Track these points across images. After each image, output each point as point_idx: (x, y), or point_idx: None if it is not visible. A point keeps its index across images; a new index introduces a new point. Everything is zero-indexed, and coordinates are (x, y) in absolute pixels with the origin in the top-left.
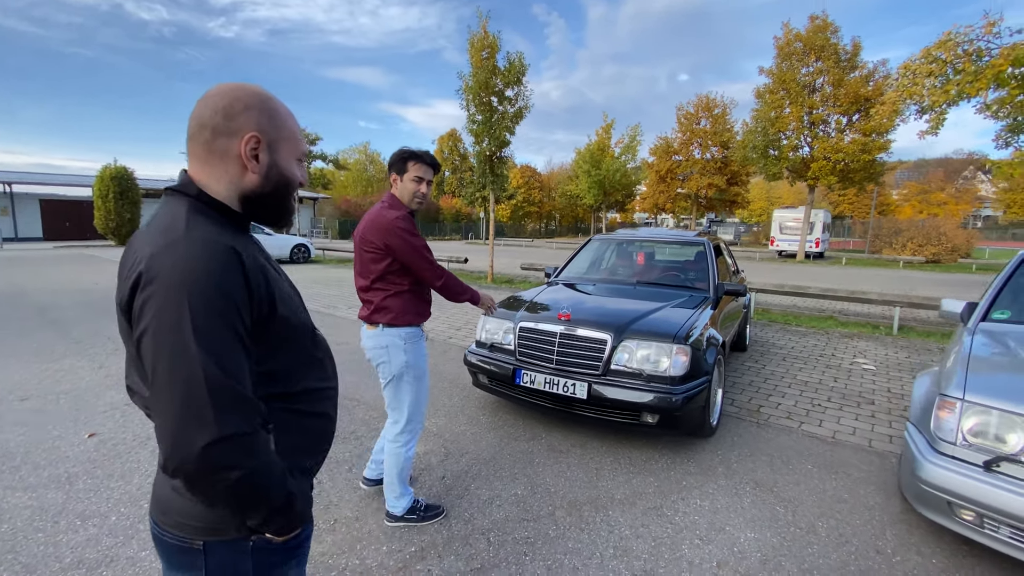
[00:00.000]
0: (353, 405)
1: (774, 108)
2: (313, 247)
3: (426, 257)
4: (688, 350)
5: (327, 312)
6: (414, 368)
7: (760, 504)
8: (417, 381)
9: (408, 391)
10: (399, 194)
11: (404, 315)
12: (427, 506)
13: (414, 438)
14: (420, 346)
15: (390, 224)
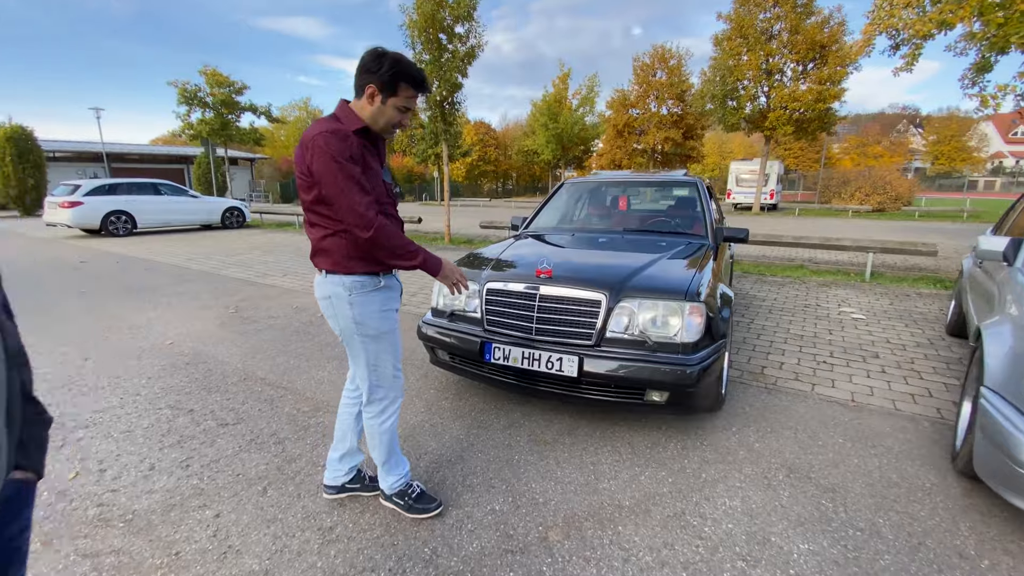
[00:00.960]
0: (279, 396)
1: (732, 56)
2: (249, 211)
3: (353, 193)
4: (702, 309)
5: (258, 280)
6: (363, 326)
7: (802, 498)
8: (373, 341)
9: (361, 352)
10: (365, 114)
11: (347, 261)
12: (419, 494)
13: (389, 408)
14: (375, 300)
15: (315, 138)
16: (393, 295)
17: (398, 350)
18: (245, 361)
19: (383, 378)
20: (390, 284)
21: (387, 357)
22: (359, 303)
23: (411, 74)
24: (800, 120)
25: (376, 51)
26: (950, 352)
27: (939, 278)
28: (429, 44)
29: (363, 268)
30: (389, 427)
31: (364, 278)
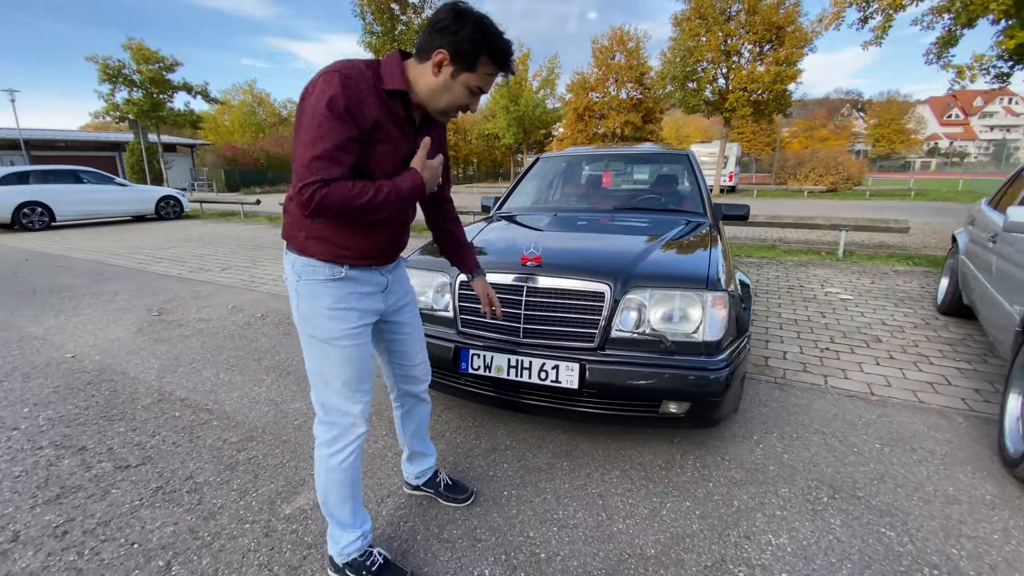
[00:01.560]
0: (201, 422)
1: (692, 36)
2: (187, 200)
3: (308, 151)
4: (726, 299)
5: (191, 276)
6: (307, 323)
7: (857, 527)
8: (318, 344)
9: (307, 357)
10: (422, 83)
11: (300, 235)
12: (382, 566)
13: (342, 439)
14: (326, 294)
15: (314, 77)
16: (360, 293)
17: (358, 368)
18: (163, 377)
19: (329, 399)
20: (358, 278)
21: (335, 372)
22: (305, 293)
23: (499, 47)
24: (758, 102)
25: (456, 6)
26: (950, 333)
27: (909, 255)
28: (380, 15)
29: (319, 249)
30: (340, 466)
31: (317, 263)
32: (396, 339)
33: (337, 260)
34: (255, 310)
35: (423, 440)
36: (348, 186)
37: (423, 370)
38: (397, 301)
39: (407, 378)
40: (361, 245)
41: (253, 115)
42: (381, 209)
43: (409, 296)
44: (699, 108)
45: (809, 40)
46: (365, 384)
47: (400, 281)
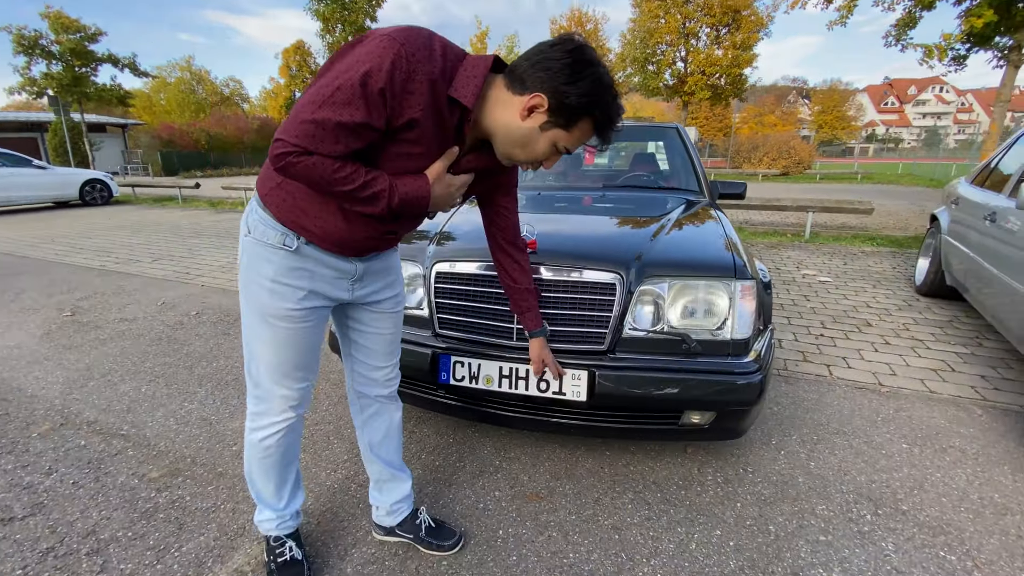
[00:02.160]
0: (113, 452)
1: (652, 18)
2: (116, 184)
3: (322, 102)
4: (754, 288)
5: (116, 269)
6: (246, 289)
7: (913, 551)
8: (253, 315)
9: (243, 320)
10: (501, 119)
11: (267, 180)
12: (288, 562)
13: (265, 417)
14: (270, 261)
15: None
16: (313, 272)
17: (294, 355)
18: (68, 394)
19: (259, 375)
20: (316, 257)
21: (265, 352)
22: (249, 252)
23: (609, 115)
24: (715, 86)
25: (580, 51)
26: (935, 314)
27: (871, 235)
28: None
29: (279, 206)
30: (260, 443)
31: (271, 222)
32: (362, 332)
33: (293, 228)
34: (190, 307)
35: (394, 459)
36: (333, 166)
37: (386, 375)
38: (373, 294)
39: (365, 379)
40: (330, 229)
41: (192, 93)
42: (365, 205)
43: (392, 291)
44: (659, 91)
45: (765, 24)
46: (301, 372)
47: (384, 272)
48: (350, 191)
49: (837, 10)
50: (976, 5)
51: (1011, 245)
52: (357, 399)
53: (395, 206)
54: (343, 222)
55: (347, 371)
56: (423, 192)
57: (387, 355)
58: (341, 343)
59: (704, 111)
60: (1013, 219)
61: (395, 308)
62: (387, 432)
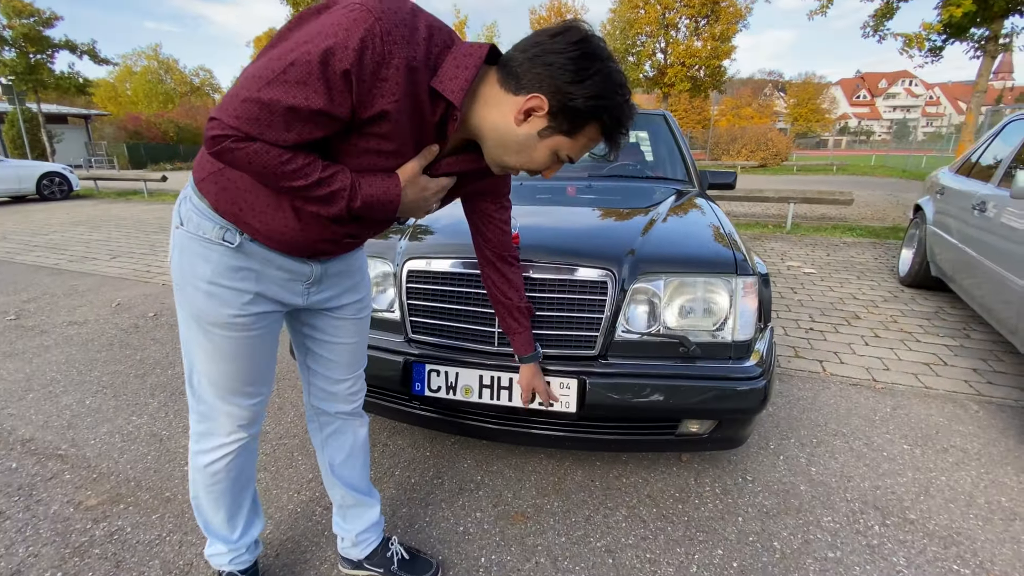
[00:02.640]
0: (48, 476)
1: (631, 8)
2: (76, 178)
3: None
4: (756, 285)
5: (69, 267)
6: (180, 290)
7: (925, 565)
8: (189, 321)
9: (180, 325)
10: (491, 120)
11: (203, 165)
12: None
13: (211, 438)
14: (207, 258)
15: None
16: (259, 273)
17: (241, 368)
18: (2, 409)
19: (200, 393)
20: (261, 256)
21: (206, 364)
22: (181, 248)
23: (619, 117)
24: (695, 77)
25: (583, 43)
26: (920, 306)
27: (851, 226)
28: None
29: (217, 195)
30: (207, 469)
31: (207, 213)
32: (320, 342)
33: (234, 222)
34: (147, 308)
35: (357, 481)
36: (280, 157)
37: (347, 389)
38: (332, 299)
39: (324, 393)
40: (277, 228)
41: (160, 83)
42: (319, 205)
43: (355, 295)
44: (640, 83)
45: (743, 16)
46: (251, 387)
47: (346, 274)
48: (301, 187)
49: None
50: None
51: (1002, 234)
52: (316, 416)
53: (356, 208)
54: (294, 220)
55: (304, 384)
56: (392, 196)
57: (349, 367)
58: (296, 352)
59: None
60: (1003, 208)
61: (359, 314)
62: (351, 451)
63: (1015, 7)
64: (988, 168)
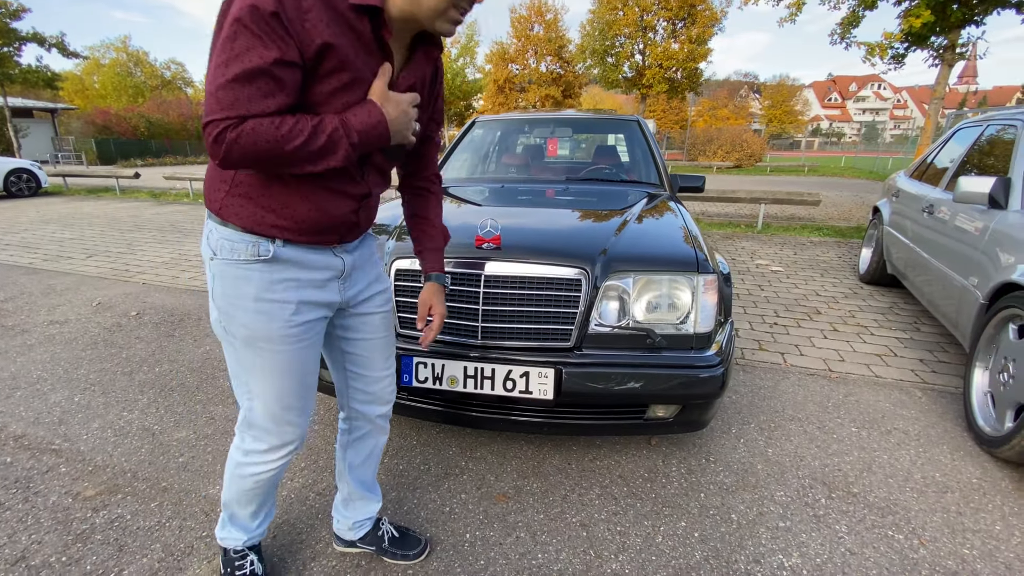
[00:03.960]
0: (43, 469)
1: (610, 10)
2: (44, 174)
3: (226, 60)
4: (716, 282)
5: (44, 266)
6: (226, 317)
7: (864, 532)
8: (241, 348)
9: (228, 361)
10: None
11: (216, 192)
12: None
13: (266, 454)
14: (249, 279)
15: None
16: (300, 281)
17: (297, 380)
18: None
19: (254, 418)
20: (297, 259)
21: (263, 385)
22: (221, 276)
23: None
24: (672, 79)
25: None
26: (877, 301)
27: (818, 226)
28: None
29: (240, 214)
30: (253, 477)
31: (237, 235)
32: (355, 341)
33: (264, 232)
34: (128, 307)
35: (371, 478)
36: (273, 125)
37: (386, 387)
38: (361, 292)
39: (364, 395)
40: (302, 215)
41: (129, 76)
42: (323, 157)
43: (380, 285)
44: (618, 84)
45: (719, 19)
46: (303, 401)
47: (368, 265)
48: (302, 145)
49: (787, 7)
50: (915, 6)
51: (947, 235)
52: (351, 420)
53: (356, 143)
54: (309, 203)
55: (340, 390)
56: (377, 117)
57: (386, 360)
58: (331, 361)
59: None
60: (948, 211)
61: (385, 305)
62: (369, 455)
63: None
64: (938, 172)
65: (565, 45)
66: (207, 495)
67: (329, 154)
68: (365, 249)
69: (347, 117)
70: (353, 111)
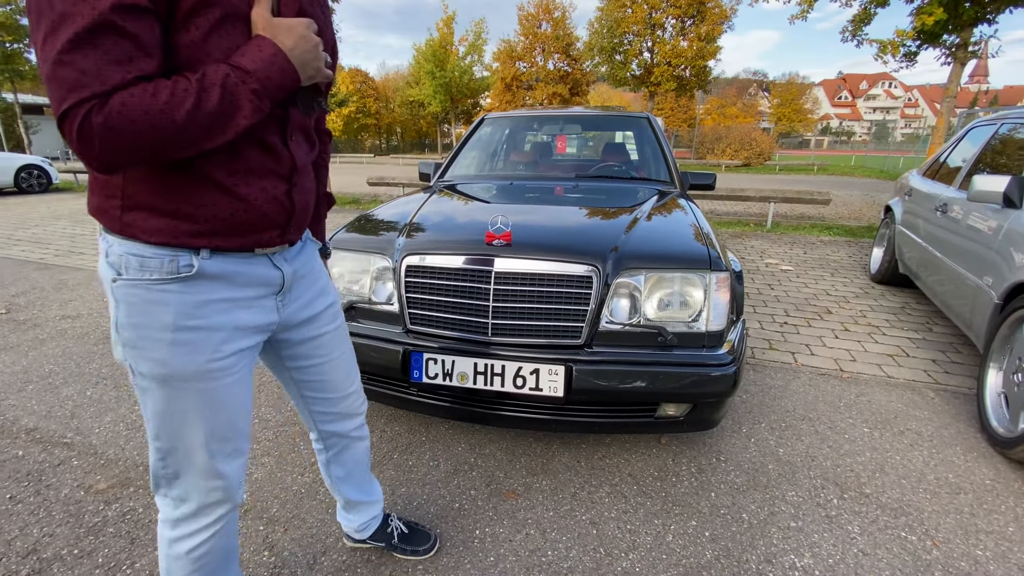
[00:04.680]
0: (56, 463)
1: (619, 7)
2: (55, 171)
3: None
4: (728, 280)
5: (56, 262)
6: (135, 354)
7: (877, 532)
8: (156, 387)
9: (141, 401)
10: None
11: (109, 203)
12: None
13: (192, 518)
14: (165, 304)
15: None
16: (229, 300)
17: (229, 416)
18: (3, 400)
19: (177, 465)
20: (226, 274)
21: (187, 428)
22: (127, 302)
23: None
24: (681, 77)
25: None
26: (888, 301)
27: (828, 225)
28: None
29: (149, 226)
30: (189, 555)
31: (148, 250)
32: (308, 368)
33: (184, 242)
34: None
35: (363, 484)
36: (147, 93)
37: (354, 402)
38: (304, 308)
39: (331, 416)
40: (223, 210)
41: None
42: (227, 118)
43: (327, 298)
44: (626, 81)
45: (728, 17)
46: (236, 442)
47: (310, 275)
48: (193, 110)
49: (799, 4)
50: (927, 3)
51: (961, 235)
52: (323, 439)
53: (260, 90)
54: (232, 189)
55: (305, 416)
56: (271, 50)
57: (348, 375)
58: (284, 386)
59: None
60: (962, 210)
61: (336, 320)
62: (355, 464)
63: (983, 16)
64: (951, 171)
65: (573, 43)
66: None
67: (233, 111)
68: (306, 257)
69: (236, 60)
70: (239, 52)
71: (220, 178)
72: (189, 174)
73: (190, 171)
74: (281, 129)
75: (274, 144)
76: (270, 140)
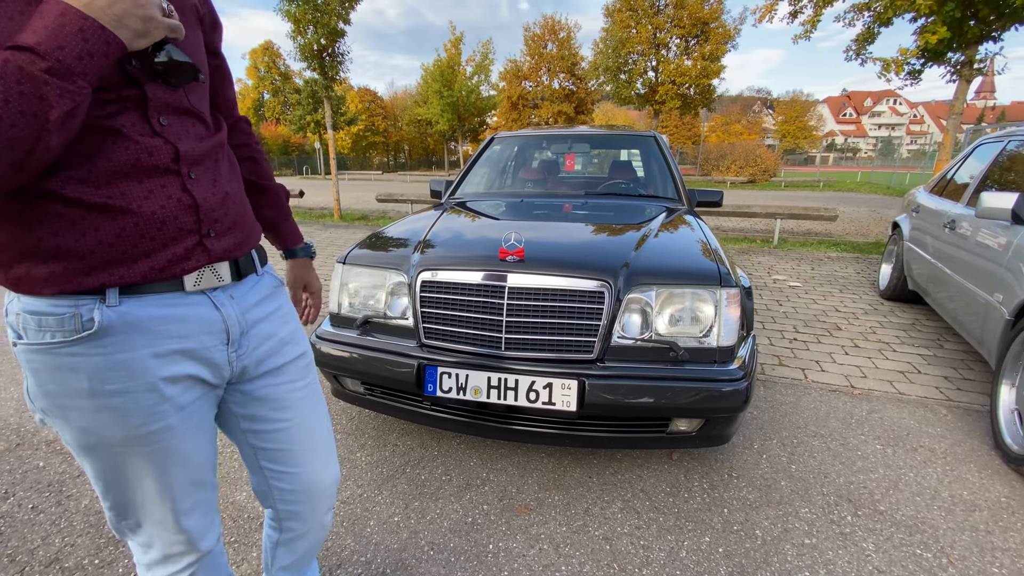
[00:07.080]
0: (74, 475)
1: (623, 28)
2: None
3: None
4: (738, 295)
5: None
6: (56, 421)
7: (892, 550)
8: (92, 456)
9: (84, 466)
10: None
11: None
12: None
13: (167, 564)
14: (73, 369)
15: None
16: (155, 355)
17: (185, 472)
18: (23, 412)
19: (133, 511)
20: (141, 323)
21: (137, 483)
22: (33, 370)
23: None
24: (685, 95)
25: None
26: (898, 318)
27: (835, 241)
28: None
29: (36, 275)
30: None
31: (44, 304)
32: (267, 432)
33: (81, 285)
34: None
35: (305, 570)
36: None
37: (325, 478)
38: (267, 360)
39: (294, 496)
40: (108, 233)
41: None
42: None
43: (296, 348)
44: (631, 100)
45: (732, 36)
46: (197, 492)
47: (272, 317)
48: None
49: (802, 24)
50: (931, 22)
51: (970, 251)
52: (280, 520)
53: (58, 67)
54: (108, 204)
55: (259, 491)
56: (56, 11)
57: (318, 450)
58: (241, 452)
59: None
60: (970, 226)
61: (307, 376)
62: (306, 552)
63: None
64: (959, 188)
65: (578, 62)
66: (234, 501)
67: (32, 106)
68: (264, 294)
69: (17, 39)
70: (27, 29)
71: (87, 195)
72: (47, 201)
73: (45, 197)
74: (141, 112)
75: (136, 133)
76: (128, 129)
